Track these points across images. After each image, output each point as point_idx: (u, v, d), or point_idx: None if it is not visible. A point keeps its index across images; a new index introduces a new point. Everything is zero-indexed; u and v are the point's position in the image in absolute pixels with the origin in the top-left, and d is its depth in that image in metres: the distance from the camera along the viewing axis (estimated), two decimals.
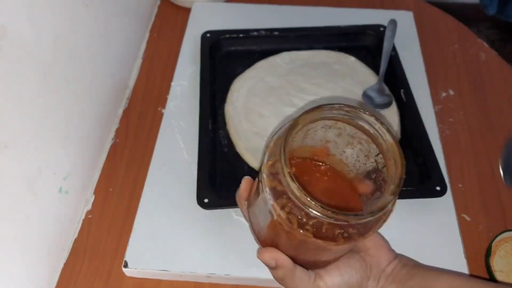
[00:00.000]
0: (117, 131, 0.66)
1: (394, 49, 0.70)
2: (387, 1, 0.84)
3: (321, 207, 0.33)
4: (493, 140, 0.65)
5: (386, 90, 0.65)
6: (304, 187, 0.33)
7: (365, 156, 0.40)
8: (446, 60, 0.75)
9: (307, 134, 0.40)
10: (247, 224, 0.54)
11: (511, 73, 0.74)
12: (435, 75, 0.72)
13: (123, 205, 0.59)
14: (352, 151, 0.41)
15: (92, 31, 0.59)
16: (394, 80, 0.67)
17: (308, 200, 0.33)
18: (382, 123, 0.37)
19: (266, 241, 0.42)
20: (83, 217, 0.58)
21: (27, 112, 0.46)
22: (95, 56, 0.61)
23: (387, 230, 0.54)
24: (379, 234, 0.47)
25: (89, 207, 0.59)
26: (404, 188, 0.55)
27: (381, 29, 0.73)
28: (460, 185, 0.61)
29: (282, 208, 0.35)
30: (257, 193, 0.39)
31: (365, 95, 0.65)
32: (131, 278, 0.53)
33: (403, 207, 0.55)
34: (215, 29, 0.73)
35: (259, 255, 0.40)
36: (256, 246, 0.53)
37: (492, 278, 0.53)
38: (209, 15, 0.78)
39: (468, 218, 0.58)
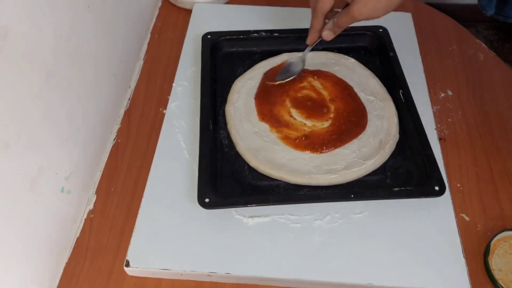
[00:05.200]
0: (119, 131, 0.67)
1: (393, 50, 0.71)
2: None
3: None
4: (491, 140, 0.66)
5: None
6: None
7: None
8: (444, 61, 0.76)
9: None
10: (247, 224, 0.55)
11: (509, 73, 0.75)
12: (434, 76, 0.73)
13: (125, 205, 0.59)
14: None
15: (93, 32, 0.59)
16: (393, 80, 0.67)
17: None
18: None
19: None
20: (85, 216, 0.58)
21: (29, 112, 0.46)
22: (97, 57, 0.61)
23: (386, 229, 0.55)
24: None
25: (91, 206, 0.59)
26: (403, 188, 0.56)
27: (380, 30, 0.73)
28: (458, 185, 0.61)
29: None
30: None
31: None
32: (132, 277, 0.54)
33: (402, 206, 0.56)
34: (216, 30, 0.73)
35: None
36: (256, 246, 0.53)
37: (491, 277, 0.53)
38: (210, 16, 0.79)
39: (466, 218, 0.58)
